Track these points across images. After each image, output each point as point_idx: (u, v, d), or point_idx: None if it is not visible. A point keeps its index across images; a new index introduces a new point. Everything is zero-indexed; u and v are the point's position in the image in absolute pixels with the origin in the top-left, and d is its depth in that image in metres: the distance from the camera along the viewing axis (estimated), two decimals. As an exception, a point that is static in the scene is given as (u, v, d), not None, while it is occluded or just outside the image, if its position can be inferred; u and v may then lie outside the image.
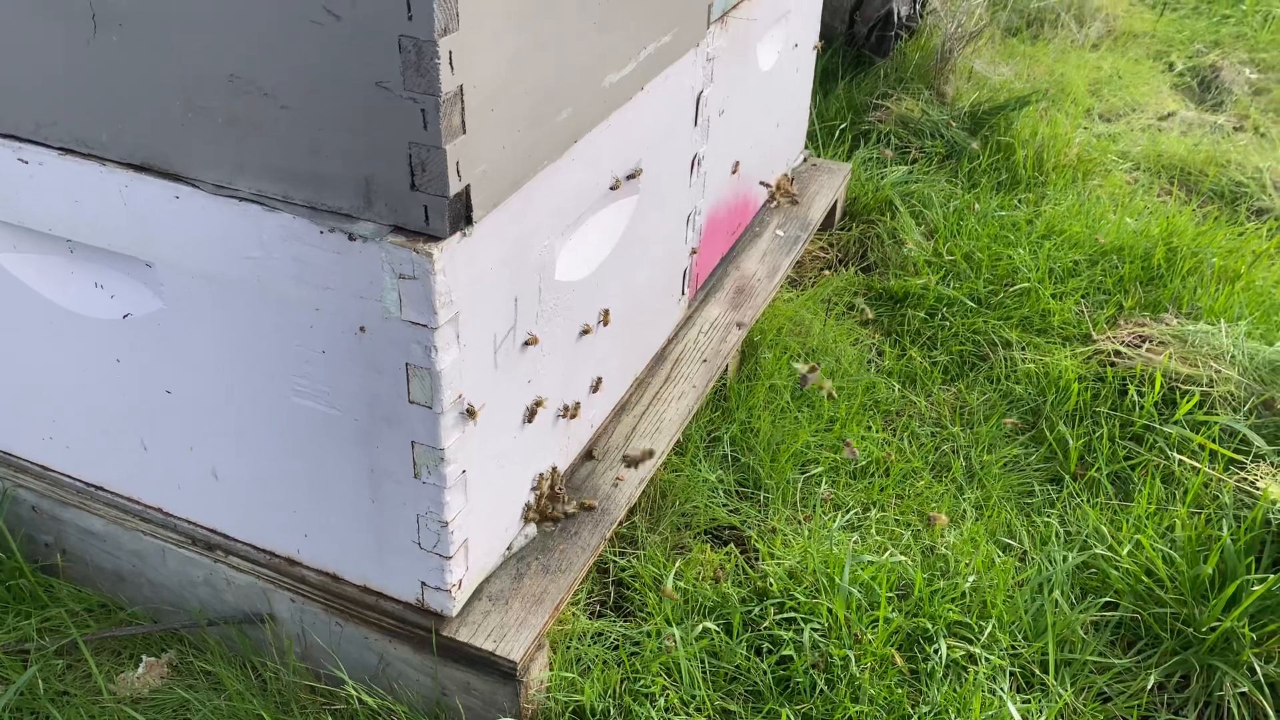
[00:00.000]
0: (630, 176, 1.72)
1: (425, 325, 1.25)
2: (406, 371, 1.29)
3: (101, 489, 1.69)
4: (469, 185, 1.22)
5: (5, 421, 1.71)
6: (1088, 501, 2.06)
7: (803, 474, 2.10)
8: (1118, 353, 2.35)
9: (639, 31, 1.62)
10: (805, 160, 2.97)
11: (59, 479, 1.72)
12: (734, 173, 2.35)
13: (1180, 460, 2.10)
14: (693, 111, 1.96)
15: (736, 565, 1.87)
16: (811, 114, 3.20)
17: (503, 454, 1.53)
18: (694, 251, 2.19)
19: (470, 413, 1.36)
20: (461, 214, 1.23)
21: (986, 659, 1.71)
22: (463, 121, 1.17)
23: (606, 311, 1.77)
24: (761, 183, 2.45)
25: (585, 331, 1.72)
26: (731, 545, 1.93)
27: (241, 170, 1.25)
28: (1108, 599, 1.83)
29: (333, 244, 1.23)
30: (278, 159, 1.23)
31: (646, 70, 1.68)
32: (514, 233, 1.39)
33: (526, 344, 1.50)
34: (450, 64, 1.11)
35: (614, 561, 1.87)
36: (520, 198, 1.38)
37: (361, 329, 1.28)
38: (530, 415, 1.57)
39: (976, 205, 2.89)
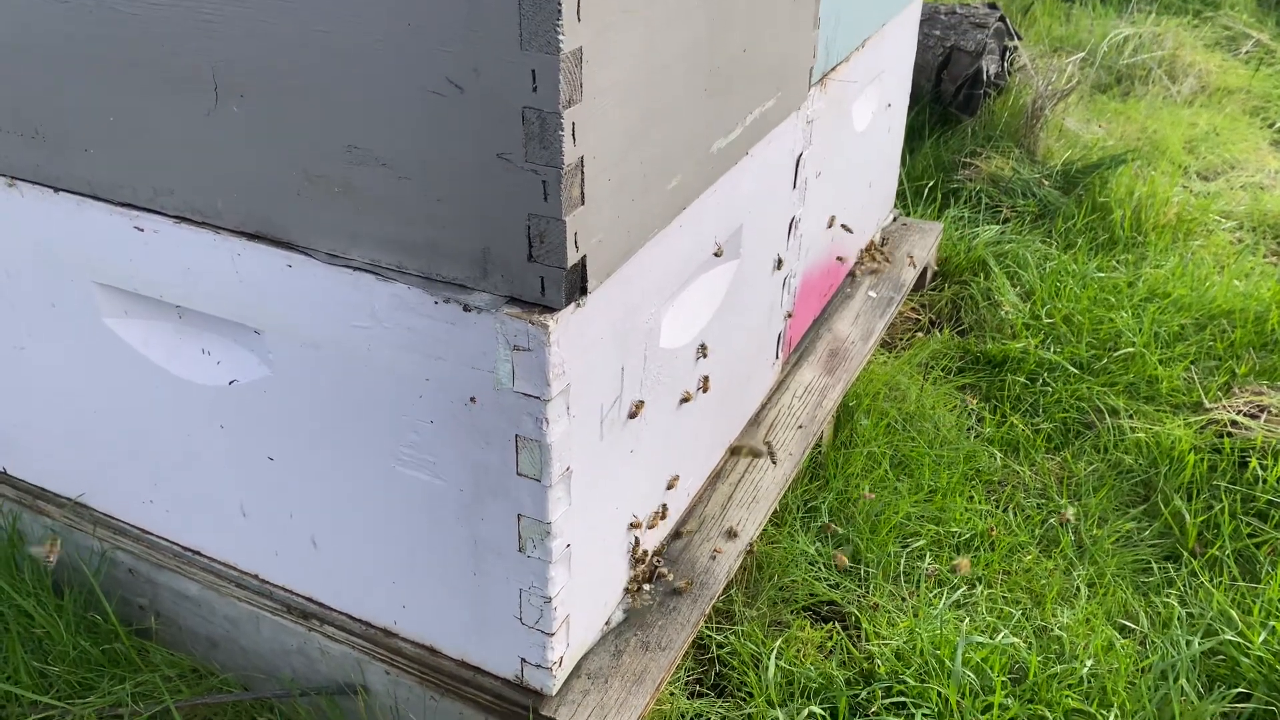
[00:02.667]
0: (730, 241, 1.69)
1: (537, 397, 1.22)
2: (516, 443, 1.26)
3: (199, 553, 1.68)
4: (585, 256, 1.19)
5: (107, 484, 1.71)
6: (1211, 581, 1.94)
7: (904, 547, 2.02)
8: (1234, 422, 2.24)
9: (745, 97, 1.59)
10: (895, 220, 2.91)
11: (156, 542, 1.72)
12: (829, 234, 2.30)
13: (1311, 539, 1.98)
14: (792, 174, 1.93)
15: (839, 644, 1.79)
16: (900, 173, 3.15)
17: (605, 528, 1.49)
18: (789, 315, 2.14)
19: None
20: (577, 285, 1.20)
21: (1111, 753, 1.61)
22: (582, 193, 1.14)
23: (706, 378, 1.73)
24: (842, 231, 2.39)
25: (685, 399, 1.67)
26: (834, 623, 1.85)
27: (356, 240, 1.25)
28: (1240, 689, 1.72)
29: (447, 314, 1.21)
30: (394, 229, 1.21)
31: (751, 135, 1.65)
32: (623, 302, 1.36)
33: (631, 415, 1.47)
34: (573, 135, 1.09)
35: (711, 638, 1.80)
36: (630, 266, 1.35)
37: (472, 399, 1.26)
38: (645, 488, 1.53)
39: (1075, 264, 2.81)
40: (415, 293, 1.22)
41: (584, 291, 1.22)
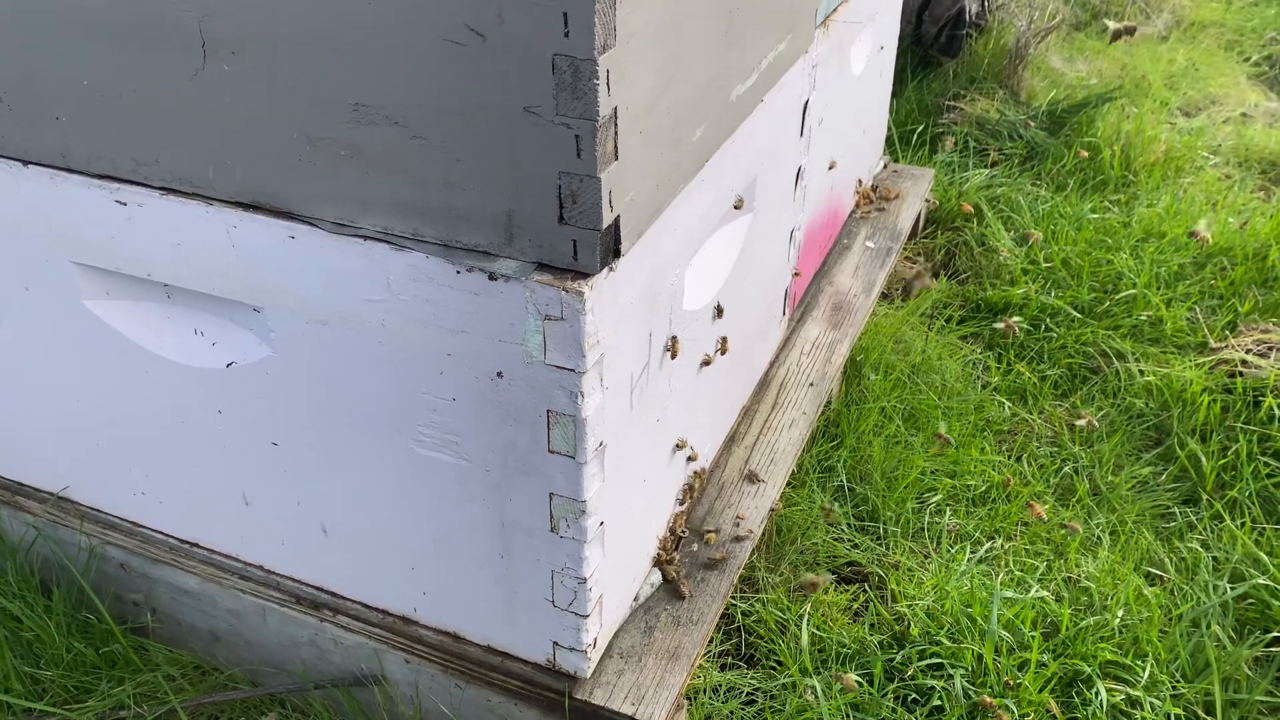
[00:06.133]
0: (747, 194, 1.61)
1: (571, 369, 1.13)
2: (547, 419, 1.18)
3: (197, 545, 1.59)
4: (619, 215, 1.11)
5: (95, 477, 1.61)
6: (1234, 524, 1.92)
7: (920, 503, 1.97)
8: (1244, 362, 2.21)
9: (760, 40, 1.50)
10: (885, 166, 2.84)
11: (150, 535, 1.62)
12: (828, 184, 2.23)
13: (1330, 477, 1.96)
14: (799, 122, 1.84)
15: (867, 606, 1.75)
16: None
17: (633, 501, 1.42)
18: (796, 269, 2.07)
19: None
20: (610, 247, 1.11)
21: (1152, 704, 1.58)
22: (616, 147, 1.06)
23: (724, 339, 1.66)
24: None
25: (706, 363, 1.60)
26: (863, 584, 1.80)
27: (366, 207, 1.15)
28: (1273, 634, 1.70)
29: (470, 284, 1.12)
30: (408, 194, 1.12)
31: (766, 81, 1.57)
32: (650, 264, 1.28)
33: (671, 353, 1.39)
34: (607, 84, 1.00)
35: (735, 606, 1.75)
36: (658, 226, 1.26)
37: (498, 374, 1.17)
38: (669, 457, 1.46)
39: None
40: (434, 262, 1.13)
41: (617, 254, 1.14)
